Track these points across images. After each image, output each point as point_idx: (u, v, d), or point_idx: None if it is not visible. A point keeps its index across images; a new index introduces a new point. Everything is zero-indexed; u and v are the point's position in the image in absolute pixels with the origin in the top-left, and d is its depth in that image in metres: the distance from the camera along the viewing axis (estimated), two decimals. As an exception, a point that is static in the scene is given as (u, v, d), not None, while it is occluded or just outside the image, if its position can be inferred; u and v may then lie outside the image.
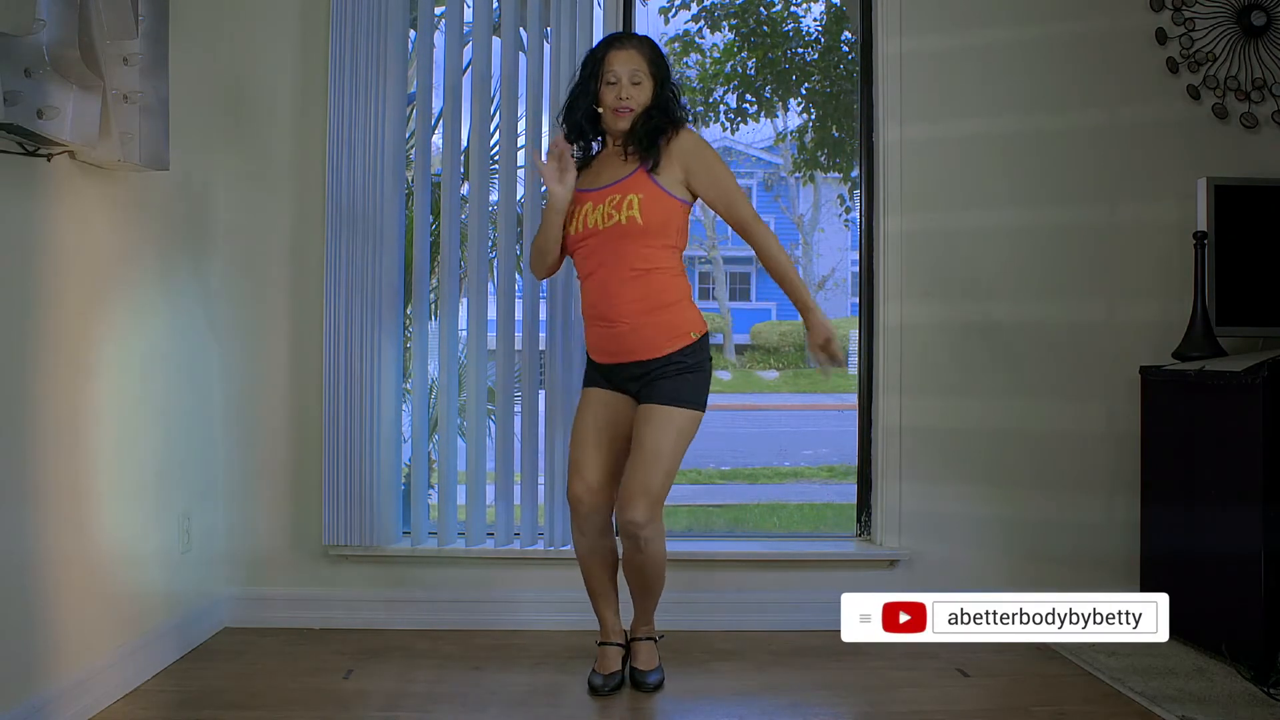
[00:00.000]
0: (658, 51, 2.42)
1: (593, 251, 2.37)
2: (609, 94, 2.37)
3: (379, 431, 2.86)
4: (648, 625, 2.51)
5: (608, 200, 2.34)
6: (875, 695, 2.42)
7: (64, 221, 2.14)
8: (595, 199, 2.37)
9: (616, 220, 2.32)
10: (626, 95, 2.35)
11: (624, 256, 2.33)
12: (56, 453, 2.12)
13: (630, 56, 2.37)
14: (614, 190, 2.35)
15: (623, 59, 2.37)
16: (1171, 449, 2.84)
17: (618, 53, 2.38)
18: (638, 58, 2.38)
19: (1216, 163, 2.96)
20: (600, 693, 2.41)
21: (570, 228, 2.40)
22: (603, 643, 2.50)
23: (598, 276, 2.36)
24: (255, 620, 2.88)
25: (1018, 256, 3.00)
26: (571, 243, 2.42)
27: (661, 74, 2.40)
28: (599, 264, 2.35)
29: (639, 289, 2.32)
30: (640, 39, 2.43)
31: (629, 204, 2.32)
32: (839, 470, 7.17)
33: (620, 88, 2.36)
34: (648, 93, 2.38)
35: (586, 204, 2.37)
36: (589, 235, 2.36)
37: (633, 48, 2.39)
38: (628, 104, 2.35)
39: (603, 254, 2.35)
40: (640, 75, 2.37)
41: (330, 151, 2.85)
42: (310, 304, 2.91)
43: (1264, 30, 3.03)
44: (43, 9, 1.89)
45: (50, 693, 2.07)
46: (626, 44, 2.40)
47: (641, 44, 2.41)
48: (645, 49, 2.40)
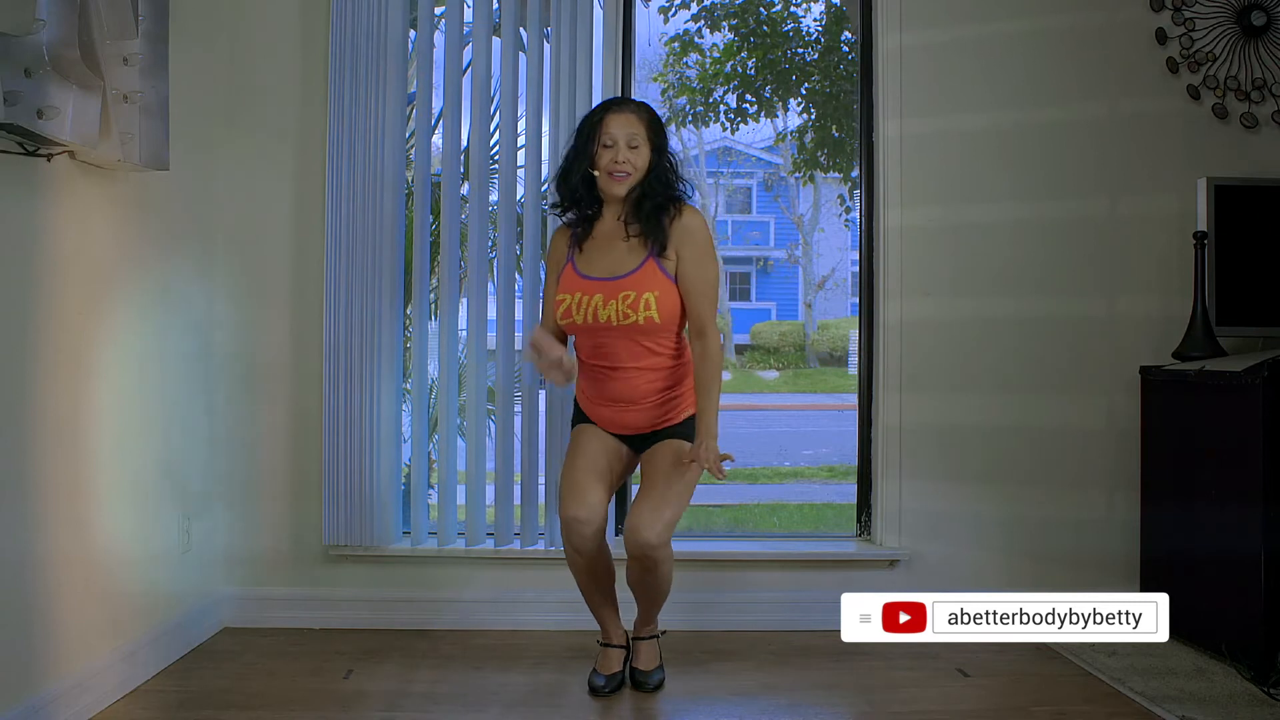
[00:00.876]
0: (656, 118, 2.38)
1: (602, 343, 2.35)
2: (605, 157, 2.31)
3: (379, 431, 2.86)
4: (650, 625, 2.51)
5: (621, 298, 2.29)
6: (875, 695, 2.42)
7: (64, 221, 2.14)
8: (606, 292, 2.30)
9: (634, 320, 2.29)
10: (623, 159, 2.30)
11: (638, 348, 2.34)
12: (56, 452, 2.12)
13: (628, 120, 2.32)
14: (627, 285, 2.30)
15: (620, 123, 2.32)
16: (1171, 449, 2.84)
17: (615, 116, 2.33)
18: (636, 122, 2.33)
19: (1216, 163, 2.96)
20: (601, 693, 2.41)
21: (577, 316, 2.32)
22: (605, 644, 2.49)
23: (607, 365, 2.36)
24: (255, 620, 2.88)
25: (1018, 255, 3.00)
26: (578, 330, 2.37)
27: (659, 141, 2.36)
28: (610, 353, 2.35)
29: (656, 379, 2.36)
30: (638, 104, 2.39)
31: (645, 304, 2.29)
32: (839, 470, 7.17)
33: (617, 150, 2.30)
34: (645, 158, 2.33)
35: (596, 296, 2.30)
36: (599, 329, 2.33)
37: (630, 112, 2.34)
38: (624, 168, 2.30)
39: (614, 345, 2.34)
40: (638, 140, 2.32)
41: (330, 151, 2.85)
42: (310, 304, 2.91)
43: (1264, 30, 3.03)
44: (43, 9, 1.89)
45: (50, 693, 2.07)
46: (624, 108, 2.36)
47: (640, 109, 2.37)
48: (644, 114, 2.36)
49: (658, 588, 2.38)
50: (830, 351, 15.32)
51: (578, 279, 2.35)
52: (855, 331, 3.14)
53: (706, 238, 2.35)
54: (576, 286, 2.34)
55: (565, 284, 2.37)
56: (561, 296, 2.36)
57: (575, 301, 2.33)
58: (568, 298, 2.34)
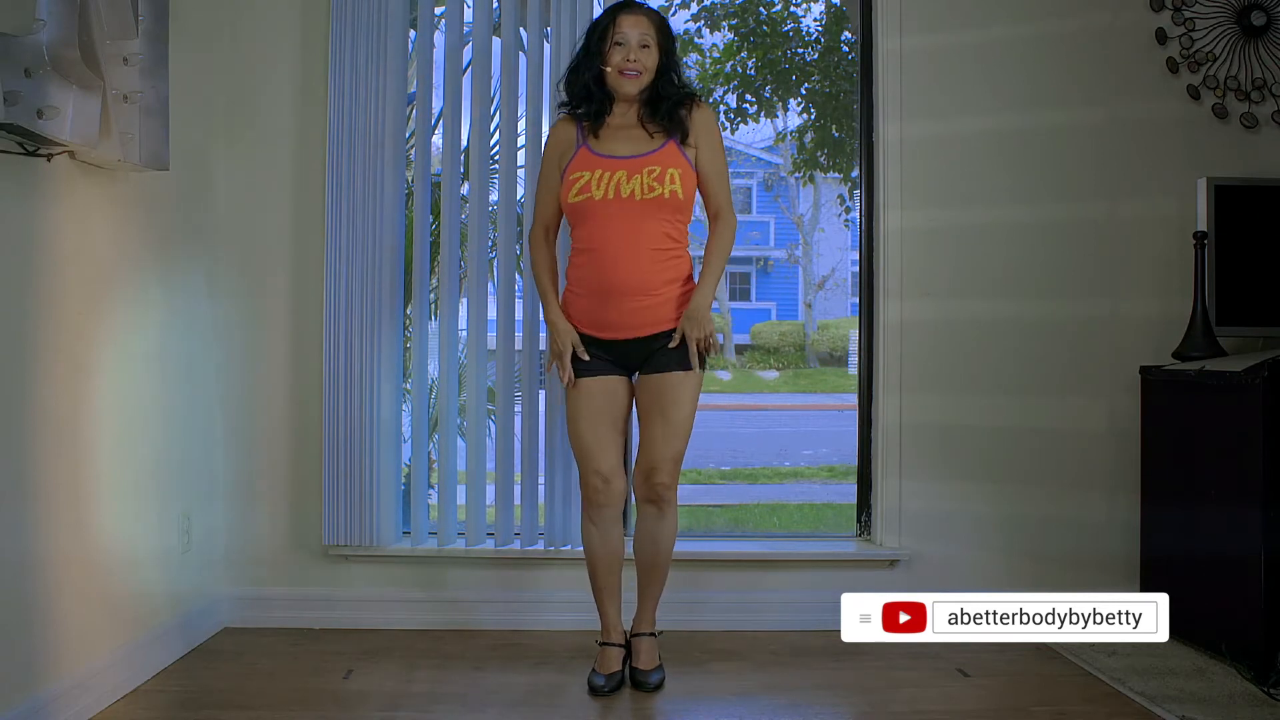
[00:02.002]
0: (665, 22, 2.46)
1: (611, 220, 2.34)
2: (616, 55, 2.38)
3: (379, 431, 2.86)
4: (649, 620, 2.51)
5: (646, 172, 2.34)
6: (875, 695, 2.42)
7: (64, 221, 2.14)
8: (629, 168, 2.34)
9: (659, 193, 2.33)
10: (635, 57, 2.37)
11: (651, 230, 2.35)
12: (56, 453, 2.12)
13: (639, 21, 2.40)
14: (652, 161, 2.35)
15: (631, 22, 2.39)
16: (1171, 449, 2.84)
17: (627, 16, 2.40)
18: (646, 23, 2.40)
19: (1216, 163, 2.96)
20: (601, 693, 2.41)
21: (596, 191, 2.34)
22: (604, 643, 2.49)
23: (617, 249, 2.33)
24: (255, 620, 2.88)
25: (1017, 256, 3.00)
26: (590, 208, 2.35)
27: (668, 44, 2.42)
28: (623, 237, 2.33)
29: (666, 263, 2.37)
30: (648, 8, 2.46)
31: (671, 178, 2.34)
32: (839, 470, 7.17)
33: (629, 49, 2.37)
34: (654, 59, 2.40)
35: (619, 171, 2.34)
36: (617, 206, 2.33)
37: (641, 14, 2.42)
38: (635, 66, 2.37)
39: (624, 225, 2.34)
40: (649, 40, 2.39)
41: (330, 151, 2.85)
42: (310, 304, 2.91)
43: (1264, 30, 3.03)
44: (43, 9, 1.89)
45: (50, 693, 2.07)
46: (635, 9, 2.42)
47: (650, 12, 2.45)
48: (654, 17, 2.43)
49: (664, 542, 2.45)
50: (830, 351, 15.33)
51: (596, 158, 2.38)
52: (855, 332, 3.14)
53: (717, 126, 2.49)
54: (596, 164, 2.37)
55: (581, 163, 2.38)
56: (578, 174, 2.36)
57: (595, 177, 2.35)
58: (586, 174, 2.35)
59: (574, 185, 2.37)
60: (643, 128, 2.41)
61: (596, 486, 2.41)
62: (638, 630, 2.52)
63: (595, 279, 2.37)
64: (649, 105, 2.41)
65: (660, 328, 2.39)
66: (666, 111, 2.39)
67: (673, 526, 2.47)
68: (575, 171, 2.38)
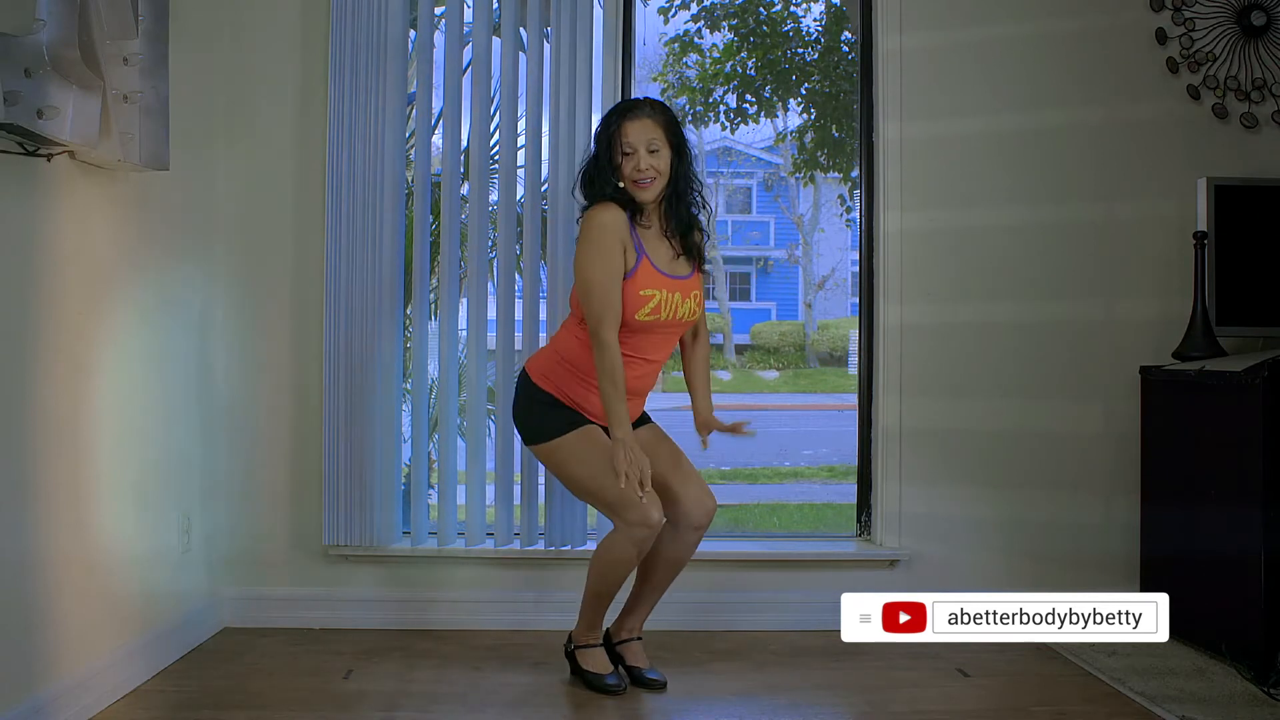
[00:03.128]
0: (671, 118, 2.38)
1: (659, 338, 2.41)
2: (627, 165, 2.32)
3: (379, 431, 2.86)
4: (641, 624, 2.52)
5: (692, 296, 2.41)
6: (875, 695, 2.42)
7: (64, 221, 2.14)
8: (683, 291, 2.39)
9: (697, 316, 2.48)
10: (645, 166, 2.32)
11: (672, 344, 2.48)
12: (57, 453, 2.12)
13: (645, 126, 2.32)
14: (693, 285, 2.43)
15: (637, 129, 2.32)
16: (1171, 449, 2.84)
17: (631, 123, 2.33)
18: (652, 126, 2.33)
19: (1216, 163, 2.96)
20: (621, 690, 2.40)
21: (664, 313, 2.35)
22: (593, 645, 2.48)
23: (646, 362, 2.40)
24: (255, 620, 2.88)
25: (1017, 256, 3.00)
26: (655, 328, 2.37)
27: (678, 141, 2.37)
28: (655, 349, 2.42)
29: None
30: (652, 104, 2.38)
31: (700, 303, 2.46)
32: (839, 470, 7.17)
33: (638, 158, 2.31)
34: (666, 160, 2.34)
35: (677, 294, 2.37)
36: (668, 326, 2.39)
37: (645, 116, 2.34)
38: (647, 174, 2.32)
39: (664, 341, 2.43)
40: (657, 143, 2.33)
41: (330, 151, 2.84)
42: (310, 304, 2.91)
43: (1264, 30, 3.03)
44: (43, 9, 1.89)
45: (50, 693, 2.07)
46: (639, 112, 2.35)
47: (654, 110, 2.36)
48: (659, 115, 2.36)
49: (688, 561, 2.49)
50: (830, 351, 15.33)
51: (662, 277, 2.37)
52: (855, 332, 3.14)
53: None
54: (663, 284, 2.37)
55: (651, 279, 2.35)
56: (651, 293, 2.34)
57: (664, 299, 2.36)
58: (657, 294, 2.35)
59: (646, 304, 2.33)
60: (668, 241, 2.41)
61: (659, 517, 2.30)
62: (635, 635, 2.51)
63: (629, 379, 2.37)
64: (673, 216, 2.40)
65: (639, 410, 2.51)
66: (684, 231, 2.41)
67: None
68: (647, 289, 2.33)
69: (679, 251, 2.42)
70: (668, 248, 2.41)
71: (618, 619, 2.53)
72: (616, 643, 2.51)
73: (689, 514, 2.39)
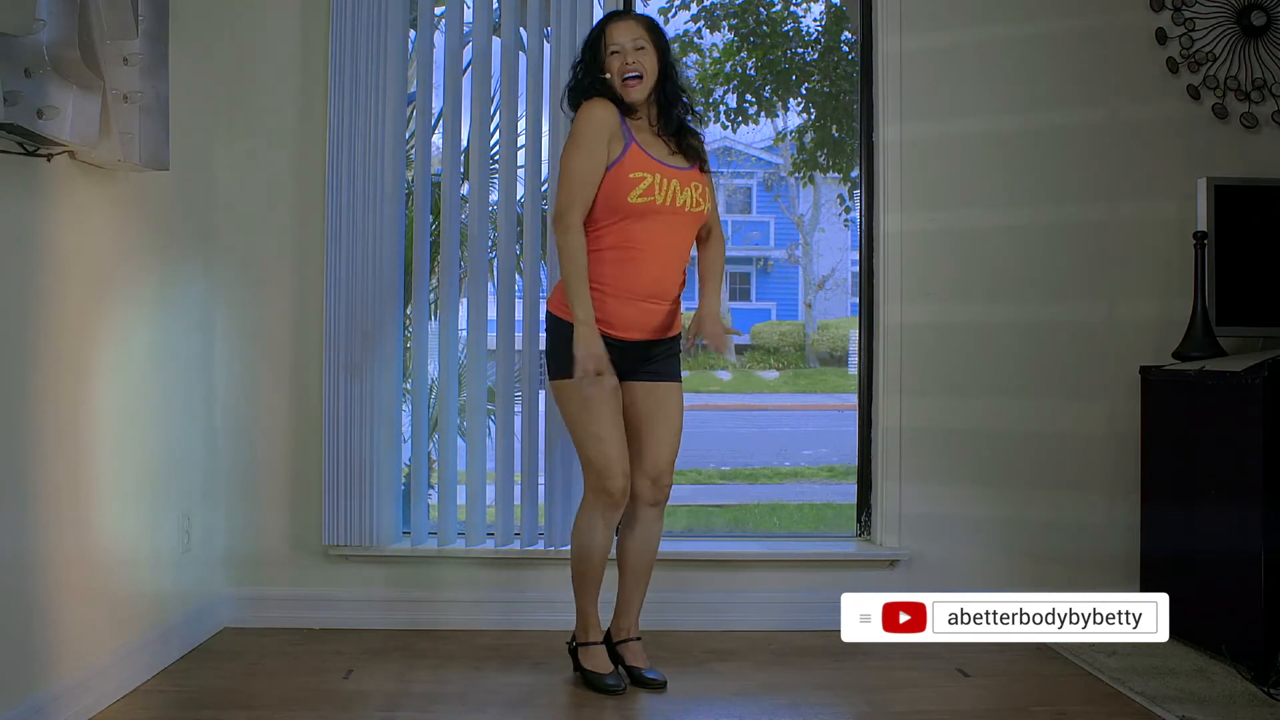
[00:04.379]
0: (655, 23, 2.46)
1: (663, 229, 2.36)
2: (614, 63, 2.37)
3: (379, 431, 2.86)
4: (637, 623, 2.53)
5: (693, 186, 2.40)
6: (875, 695, 2.42)
7: (64, 221, 2.14)
8: (681, 179, 2.38)
9: (703, 209, 2.43)
10: (632, 60, 2.36)
11: (684, 241, 2.43)
12: (56, 453, 2.12)
13: (630, 26, 2.40)
14: (694, 177, 2.42)
15: (623, 28, 2.39)
16: (1171, 449, 2.84)
17: (616, 24, 2.41)
18: (637, 27, 2.40)
19: (1216, 163, 2.96)
20: (620, 690, 2.40)
21: (658, 196, 2.33)
22: (593, 642, 2.48)
23: (655, 253, 2.36)
24: (255, 620, 2.88)
25: (1017, 256, 3.00)
26: (651, 212, 2.34)
27: (662, 44, 2.43)
28: (663, 243, 2.37)
29: (681, 280, 2.45)
30: (636, 14, 2.52)
31: (705, 196, 2.44)
32: (839, 470, 7.17)
33: (624, 54, 2.37)
34: (653, 60, 2.39)
35: (674, 180, 2.36)
36: (668, 214, 2.36)
37: (630, 19, 2.44)
38: (635, 68, 2.36)
39: (671, 234, 2.38)
40: (643, 42, 2.39)
41: (330, 151, 2.84)
42: (310, 304, 2.91)
43: (1264, 30, 3.03)
44: (43, 9, 1.89)
45: (50, 693, 2.07)
46: (624, 15, 2.47)
47: (638, 16, 2.47)
48: (643, 20, 2.44)
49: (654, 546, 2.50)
50: (830, 351, 15.34)
51: (655, 162, 2.37)
52: (855, 332, 3.14)
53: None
54: (656, 169, 2.36)
55: (641, 163, 2.35)
56: (641, 175, 2.34)
57: (658, 182, 2.35)
58: (649, 177, 2.34)
59: (637, 185, 2.33)
60: (663, 140, 2.42)
61: (621, 488, 2.38)
62: (632, 635, 2.51)
63: (629, 279, 2.35)
64: (662, 116, 2.42)
65: (664, 334, 2.44)
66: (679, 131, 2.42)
67: (660, 530, 2.51)
68: (638, 171, 2.33)
69: (674, 149, 2.42)
70: (663, 144, 2.42)
71: (613, 619, 2.54)
72: (616, 643, 2.52)
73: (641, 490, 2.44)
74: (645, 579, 2.51)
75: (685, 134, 2.45)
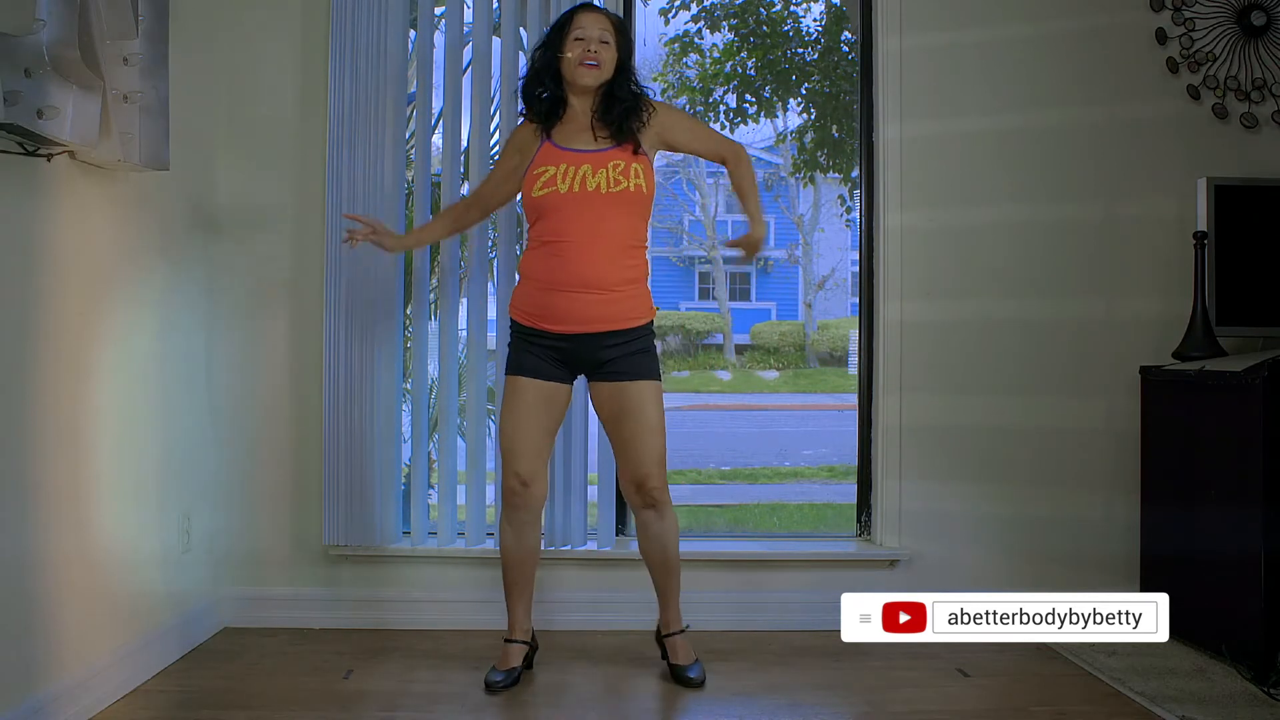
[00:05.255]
0: (624, 25, 2.51)
1: (576, 215, 2.35)
2: (576, 48, 2.40)
3: (379, 431, 2.86)
4: (676, 619, 2.52)
5: (611, 165, 2.37)
6: (875, 695, 2.42)
7: (64, 221, 2.14)
8: (594, 162, 2.37)
9: (624, 187, 2.36)
10: (595, 49, 2.39)
11: (613, 226, 2.37)
12: (56, 453, 2.12)
13: (599, 18, 2.43)
14: (616, 155, 2.38)
15: (592, 19, 2.42)
16: (1171, 449, 2.84)
17: (587, 14, 2.43)
18: (605, 21, 2.44)
19: (1216, 163, 2.96)
20: (497, 689, 2.40)
21: (561, 185, 2.35)
22: (510, 640, 2.49)
23: (581, 242, 2.34)
24: (255, 620, 2.88)
25: (1018, 256, 3.01)
26: (553, 202, 2.36)
27: (626, 45, 2.46)
28: (588, 230, 2.34)
29: (626, 260, 2.39)
30: (609, 12, 2.52)
31: (635, 172, 2.38)
32: (839, 470, 7.17)
33: (588, 43, 2.40)
34: (613, 56, 2.42)
35: (584, 165, 2.36)
36: (581, 200, 2.35)
37: (601, 13, 2.46)
38: (594, 57, 2.38)
39: (587, 219, 2.35)
40: (608, 36, 2.42)
41: (330, 151, 2.85)
42: (310, 304, 2.91)
43: (1264, 30, 3.03)
44: (43, 9, 1.89)
45: (50, 693, 2.07)
46: (595, 8, 2.47)
47: (609, 14, 2.48)
48: (613, 18, 2.48)
49: (670, 540, 2.46)
50: (830, 351, 15.33)
51: (560, 151, 2.40)
52: (855, 331, 3.14)
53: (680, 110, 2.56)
54: (560, 158, 2.39)
55: (545, 158, 2.40)
56: (543, 169, 2.38)
57: (561, 171, 2.36)
58: (550, 168, 2.37)
59: (538, 179, 2.38)
60: (593, 131, 2.42)
61: (515, 489, 2.42)
62: (669, 630, 2.52)
63: (551, 271, 2.37)
64: (603, 104, 2.42)
65: (613, 325, 2.38)
66: (618, 116, 2.40)
67: (674, 524, 2.47)
68: (540, 166, 2.39)
69: (606, 136, 2.41)
70: (590, 134, 2.42)
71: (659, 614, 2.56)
72: (662, 637, 2.54)
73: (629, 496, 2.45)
74: (668, 574, 2.50)
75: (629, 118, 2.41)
